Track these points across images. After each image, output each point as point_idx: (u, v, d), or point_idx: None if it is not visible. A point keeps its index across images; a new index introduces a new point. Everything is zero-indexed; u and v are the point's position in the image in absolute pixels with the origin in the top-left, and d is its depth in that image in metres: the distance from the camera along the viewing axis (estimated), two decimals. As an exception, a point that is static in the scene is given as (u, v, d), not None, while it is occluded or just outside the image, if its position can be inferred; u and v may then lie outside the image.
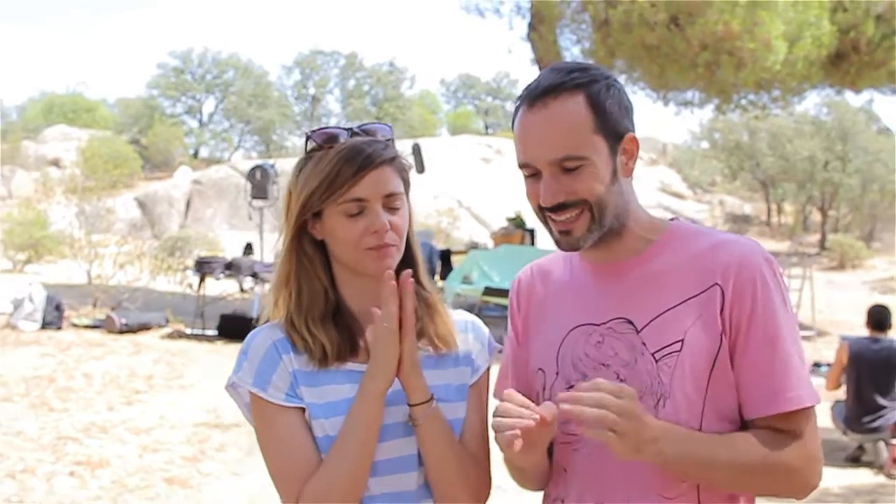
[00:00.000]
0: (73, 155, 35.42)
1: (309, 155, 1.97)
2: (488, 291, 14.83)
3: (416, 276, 2.00)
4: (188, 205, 35.42)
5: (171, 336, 13.97)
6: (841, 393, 8.67)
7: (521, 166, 1.90)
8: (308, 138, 1.99)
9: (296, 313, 1.96)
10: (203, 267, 14.91)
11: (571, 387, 1.90)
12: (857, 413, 8.34)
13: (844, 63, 16.84)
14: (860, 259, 28.58)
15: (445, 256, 18.70)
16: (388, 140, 2.00)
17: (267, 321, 2.02)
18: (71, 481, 6.93)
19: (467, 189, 33.33)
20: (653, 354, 1.85)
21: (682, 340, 1.82)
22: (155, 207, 35.06)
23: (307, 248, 1.98)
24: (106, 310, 14.95)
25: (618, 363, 1.88)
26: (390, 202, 1.94)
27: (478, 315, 2.24)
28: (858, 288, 24.55)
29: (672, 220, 2.01)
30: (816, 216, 34.89)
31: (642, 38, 15.52)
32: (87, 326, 14.24)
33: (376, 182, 1.92)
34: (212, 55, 56.14)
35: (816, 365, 10.53)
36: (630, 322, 1.89)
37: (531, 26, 17.89)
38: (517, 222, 20.17)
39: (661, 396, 1.83)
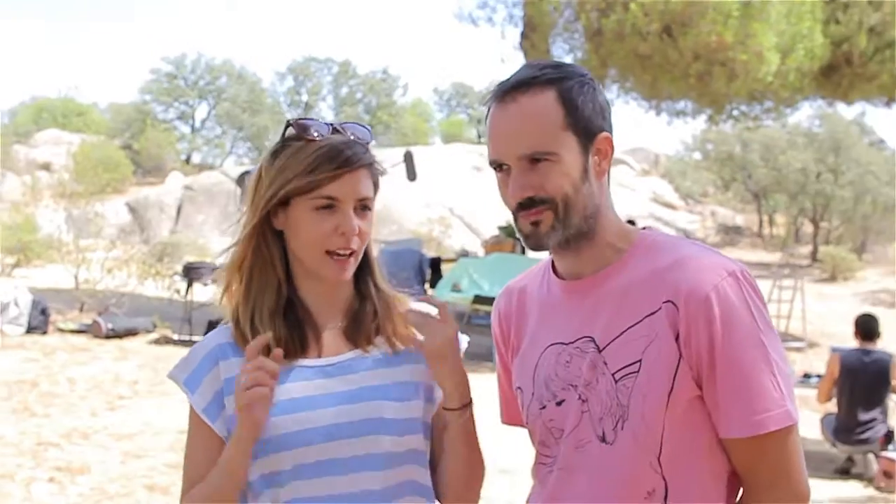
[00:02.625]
0: (64, 159, 35.31)
1: (286, 143, 1.93)
2: (478, 300, 14.76)
3: (372, 278, 2.02)
4: (179, 210, 35.25)
5: (157, 342, 13.89)
6: (832, 405, 8.62)
7: (492, 163, 1.86)
8: (288, 126, 1.95)
9: (243, 305, 1.93)
10: (191, 272, 14.84)
11: (544, 408, 1.90)
12: (847, 425, 8.29)
13: (837, 75, 16.85)
14: (852, 271, 28.55)
15: (435, 264, 18.61)
16: (367, 143, 1.98)
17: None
18: (50, 487, 6.84)
19: (459, 197, 33.26)
20: (613, 374, 1.79)
21: (640, 361, 1.76)
22: (146, 213, 34.89)
23: (268, 235, 1.94)
24: (93, 314, 14.85)
25: (582, 384, 1.83)
26: (361, 206, 1.92)
27: (467, 323, 2.21)
28: (850, 300, 24.51)
29: (643, 228, 1.95)
30: (808, 228, 34.87)
31: (635, 47, 15.50)
32: (73, 331, 14.15)
33: (353, 184, 1.89)
34: (205, 61, 56.01)
35: (807, 376, 10.46)
36: (593, 340, 1.83)
37: (524, 35, 17.87)
38: (508, 231, 20.07)
39: (619, 418, 1.77)
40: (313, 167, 1.87)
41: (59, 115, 50.64)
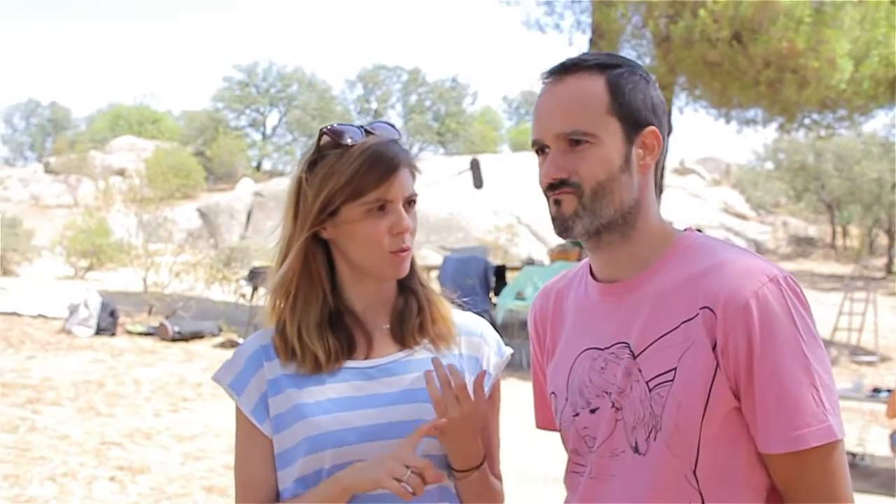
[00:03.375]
0: (138, 165, 36.03)
1: (322, 152, 1.91)
2: (542, 308, 14.67)
3: (416, 273, 2.02)
4: (249, 216, 35.69)
5: (223, 345, 14.03)
6: (901, 420, 8.38)
7: (533, 143, 1.81)
8: (321, 134, 1.93)
9: (290, 319, 1.92)
10: (256, 277, 14.98)
11: (577, 415, 1.84)
12: (917, 441, 8.05)
13: (913, 83, 16.44)
14: (927, 284, 27.91)
15: (500, 272, 18.56)
16: (398, 140, 1.97)
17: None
18: (111, 486, 6.93)
19: (526, 206, 33.11)
20: (647, 382, 1.72)
21: (675, 369, 1.68)
22: (216, 218, 35.38)
23: (315, 248, 1.93)
24: (160, 317, 15.07)
25: (615, 391, 1.76)
26: (408, 202, 1.92)
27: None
28: (925, 314, 23.94)
29: (686, 230, 1.87)
30: (883, 239, 34.09)
31: (704, 54, 15.27)
32: (140, 333, 14.38)
33: (400, 183, 1.89)
34: (276, 69, 56.80)
35: (877, 391, 10.19)
36: (628, 346, 1.76)
37: (591, 42, 17.72)
38: (575, 240, 20.00)
39: (652, 428, 1.70)
40: (361, 172, 1.85)
41: (135, 122, 51.74)
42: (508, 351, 2.08)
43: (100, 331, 13.97)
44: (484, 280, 16.95)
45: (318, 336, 1.89)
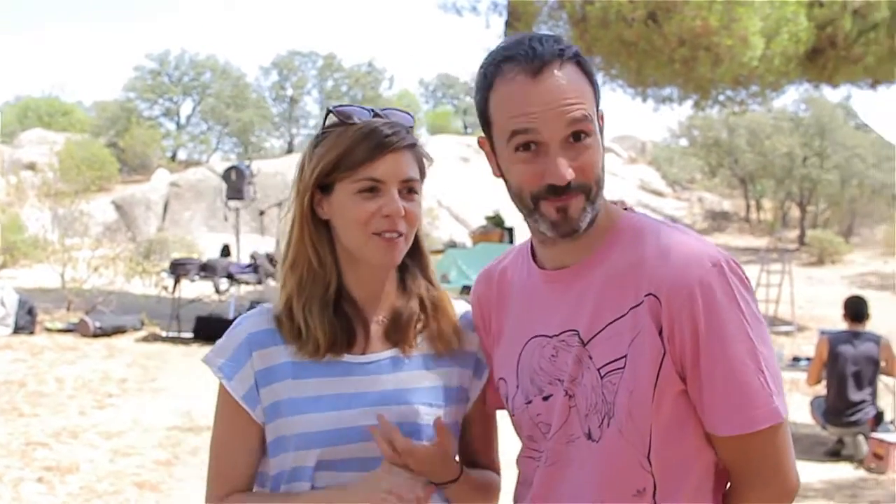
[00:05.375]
0: (49, 158, 35.15)
1: (326, 130, 1.90)
2: (466, 290, 14.72)
3: (424, 272, 1.98)
4: (166, 207, 35.12)
5: (146, 339, 13.82)
6: (821, 388, 8.62)
7: (520, 141, 1.72)
8: (328, 113, 1.92)
9: (297, 297, 1.89)
10: (178, 269, 14.74)
11: (530, 402, 1.84)
12: (837, 407, 8.30)
13: (822, 58, 16.80)
14: (839, 254, 28.67)
15: (424, 256, 18.60)
16: (409, 128, 1.93)
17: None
18: (39, 487, 6.79)
19: (447, 188, 33.18)
20: (598, 370, 1.73)
21: (626, 356, 1.70)
22: (132, 210, 34.72)
23: (316, 225, 1.90)
24: (80, 313, 14.76)
25: (567, 379, 1.77)
26: (407, 188, 1.87)
27: None
28: (838, 283, 24.60)
29: (625, 209, 1.87)
30: (795, 212, 34.94)
31: (619, 34, 15.43)
32: (60, 330, 14.06)
33: (395, 164, 1.85)
34: (189, 57, 55.75)
35: (796, 360, 10.48)
36: (578, 334, 1.77)
37: (508, 24, 17.78)
38: (496, 221, 20.06)
39: (605, 415, 1.72)
40: (353, 147, 1.84)
41: (44, 115, 50.43)
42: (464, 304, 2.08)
43: (18, 329, 13.60)
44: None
45: (320, 319, 1.86)
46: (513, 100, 1.71)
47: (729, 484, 1.80)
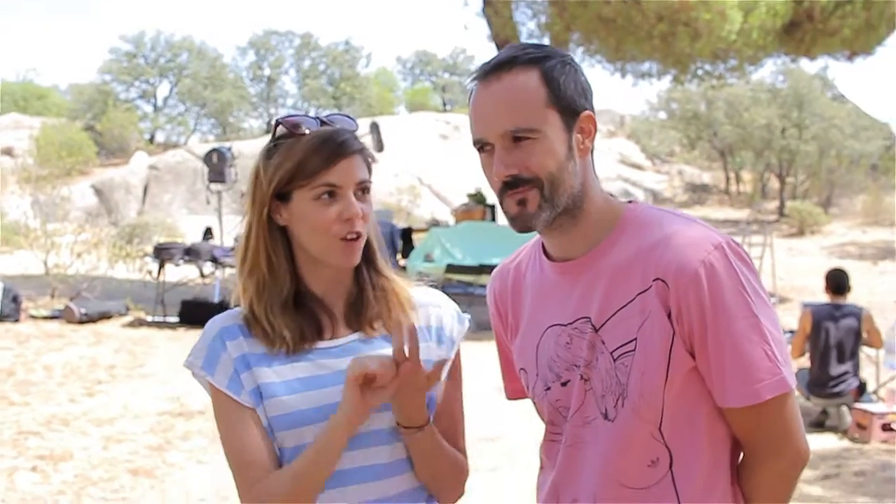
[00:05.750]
0: (26, 143, 34.90)
1: (278, 141, 1.98)
2: (451, 269, 14.80)
3: (372, 264, 2.05)
4: (146, 190, 34.99)
5: (132, 324, 13.83)
6: (805, 360, 8.73)
7: (476, 143, 1.87)
8: (277, 125, 1.99)
9: (257, 301, 1.97)
10: (162, 253, 14.76)
11: (549, 389, 1.94)
12: (821, 379, 8.41)
13: (799, 31, 16.90)
14: (819, 225, 28.86)
15: (407, 235, 18.63)
16: (354, 132, 2.03)
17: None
18: (33, 476, 6.82)
19: (427, 166, 33.20)
20: (611, 353, 1.83)
21: (636, 339, 1.80)
22: (112, 194, 34.59)
23: (273, 232, 1.98)
24: (64, 300, 14.74)
25: (583, 364, 1.87)
26: (361, 190, 1.97)
27: (441, 293, 2.24)
28: (818, 253, 24.80)
29: (630, 202, 1.96)
30: (775, 183, 35.12)
31: (598, 10, 15.48)
32: (45, 318, 14.05)
33: (350, 169, 1.94)
34: (164, 38, 55.43)
35: (779, 332, 10.58)
36: (590, 321, 1.86)
37: (486, 2, 17.78)
38: (478, 198, 20.10)
39: (619, 396, 1.82)
40: (309, 157, 1.91)
41: (19, 99, 50.00)
42: (466, 317, 2.15)
43: (2, 317, 13.58)
44: (391, 243, 16.99)
45: (283, 318, 1.94)
46: (471, 108, 1.87)
47: (742, 456, 1.89)
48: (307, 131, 1.96)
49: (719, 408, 1.82)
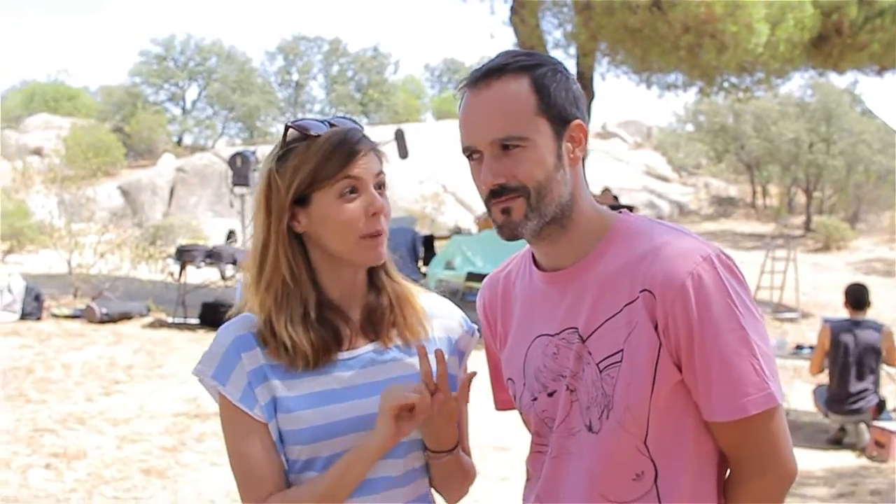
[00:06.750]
0: (55, 144, 35.16)
1: (290, 146, 1.95)
2: (471, 277, 14.76)
3: (386, 265, 2.04)
4: (172, 192, 35.15)
5: (152, 325, 13.89)
6: (824, 376, 8.65)
7: (465, 150, 1.86)
8: (287, 129, 1.97)
9: (276, 314, 1.92)
10: (184, 255, 14.81)
11: (536, 399, 1.92)
12: (839, 395, 8.33)
13: (827, 45, 16.75)
14: (845, 240, 28.59)
15: (429, 242, 18.62)
16: (362, 132, 2.02)
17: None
18: (46, 474, 6.86)
19: (452, 174, 33.13)
20: (597, 364, 1.81)
21: (622, 350, 1.77)
22: (138, 195, 34.77)
23: (291, 241, 1.95)
24: (87, 300, 14.83)
25: (569, 374, 1.85)
26: (378, 184, 1.95)
27: (461, 300, 2.23)
28: (843, 269, 24.56)
29: (620, 211, 1.95)
30: (801, 198, 34.82)
31: (624, 21, 15.41)
32: (67, 317, 14.13)
33: (368, 163, 1.93)
34: (194, 42, 55.71)
35: (799, 348, 10.50)
36: (577, 331, 1.84)
37: (513, 10, 17.76)
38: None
39: (604, 408, 1.80)
40: (329, 156, 1.89)
41: (50, 100, 50.40)
42: (475, 327, 2.15)
43: (25, 315, 13.68)
44: (413, 250, 17.01)
45: (304, 331, 1.90)
46: (460, 115, 1.87)
47: (729, 471, 1.87)
48: (316, 133, 1.94)
49: (706, 422, 1.79)
